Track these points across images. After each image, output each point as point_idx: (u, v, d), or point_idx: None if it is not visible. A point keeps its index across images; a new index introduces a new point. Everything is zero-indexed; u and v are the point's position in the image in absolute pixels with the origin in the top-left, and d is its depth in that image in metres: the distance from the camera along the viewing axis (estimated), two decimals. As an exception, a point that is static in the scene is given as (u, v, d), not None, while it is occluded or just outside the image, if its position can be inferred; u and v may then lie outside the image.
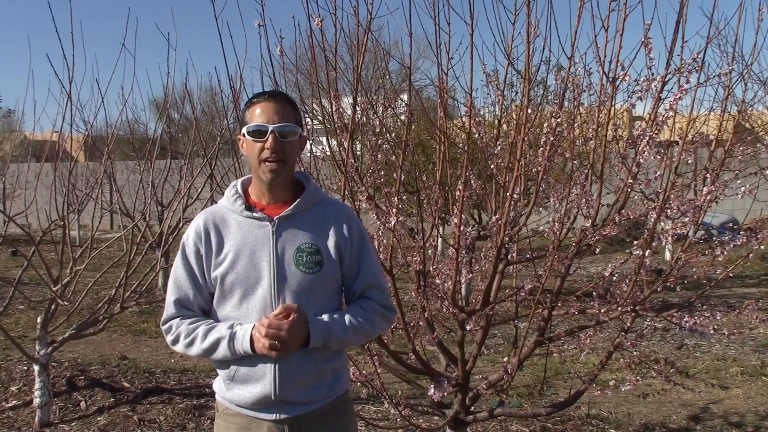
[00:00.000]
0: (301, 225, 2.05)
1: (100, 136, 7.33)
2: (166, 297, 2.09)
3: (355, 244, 2.09)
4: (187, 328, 2.02)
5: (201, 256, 2.04)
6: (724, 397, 5.30)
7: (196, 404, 4.95)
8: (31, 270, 4.77)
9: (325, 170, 3.56)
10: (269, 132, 1.97)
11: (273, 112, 1.99)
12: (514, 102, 3.71)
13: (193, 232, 2.07)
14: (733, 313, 2.95)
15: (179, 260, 2.07)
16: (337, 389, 2.10)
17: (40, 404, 4.58)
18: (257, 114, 2.00)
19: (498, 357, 6.35)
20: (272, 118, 1.99)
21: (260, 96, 2.05)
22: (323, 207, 2.11)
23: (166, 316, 2.09)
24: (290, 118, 2.02)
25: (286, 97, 2.07)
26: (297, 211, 2.05)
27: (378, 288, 2.13)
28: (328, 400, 2.07)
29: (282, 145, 1.99)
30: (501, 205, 3.14)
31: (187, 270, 2.05)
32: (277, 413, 2.01)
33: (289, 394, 1.98)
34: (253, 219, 2.03)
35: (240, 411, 2.05)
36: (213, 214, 2.09)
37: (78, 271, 4.69)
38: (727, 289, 9.63)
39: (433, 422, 4.10)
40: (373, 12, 2.96)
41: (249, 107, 2.04)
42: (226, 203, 2.10)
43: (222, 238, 2.04)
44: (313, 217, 2.08)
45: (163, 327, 2.09)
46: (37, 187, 5.42)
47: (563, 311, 3.15)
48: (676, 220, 2.82)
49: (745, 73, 3.59)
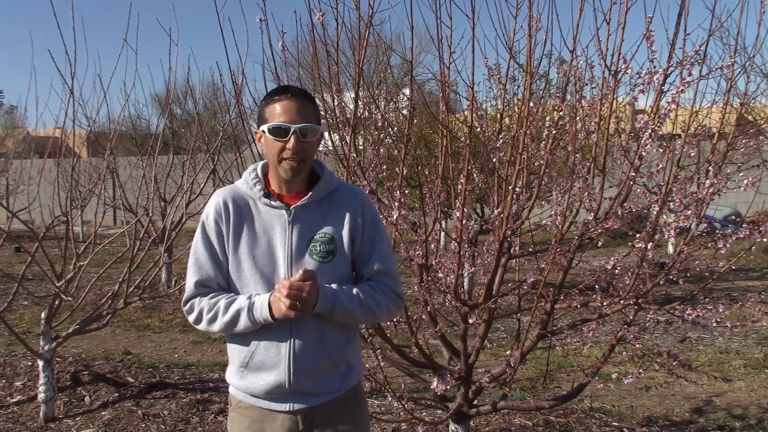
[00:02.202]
0: (316, 214, 2.06)
1: (103, 131, 7.33)
2: (187, 276, 2.08)
3: (367, 228, 2.09)
4: (208, 303, 2.02)
5: (222, 234, 2.04)
6: (727, 390, 5.31)
7: (200, 399, 4.97)
8: (34, 266, 4.78)
9: (327, 165, 3.56)
10: (291, 132, 1.96)
11: (295, 111, 1.97)
12: (516, 95, 3.70)
13: (212, 210, 2.06)
14: (735, 306, 2.95)
15: (199, 239, 2.06)
16: (350, 381, 2.12)
17: (44, 399, 4.60)
18: (279, 112, 1.98)
19: (501, 350, 6.36)
20: (294, 118, 1.97)
21: (282, 93, 2.01)
22: (337, 194, 2.12)
23: (188, 296, 2.08)
24: (312, 117, 2.01)
25: (308, 94, 2.05)
26: (312, 201, 2.06)
27: (389, 275, 2.13)
28: (341, 392, 2.09)
29: (303, 145, 1.98)
30: (503, 198, 3.14)
31: (208, 249, 2.05)
32: (291, 403, 2.02)
33: (303, 383, 2.00)
34: (270, 207, 2.05)
35: (254, 403, 2.06)
36: (232, 193, 2.09)
37: (81, 267, 4.70)
38: (730, 282, 9.63)
39: (436, 416, 4.11)
40: (374, 6, 2.96)
41: (269, 103, 2.01)
42: (245, 186, 2.09)
43: (241, 219, 2.04)
44: (328, 205, 2.09)
45: (185, 307, 2.08)
46: (40, 183, 5.44)
47: (566, 304, 3.16)
48: (678, 213, 2.82)
49: (748, 66, 3.58)
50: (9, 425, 4.57)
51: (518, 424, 4.48)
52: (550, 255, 2.97)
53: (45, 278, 5.80)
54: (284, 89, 2.04)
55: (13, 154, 6.87)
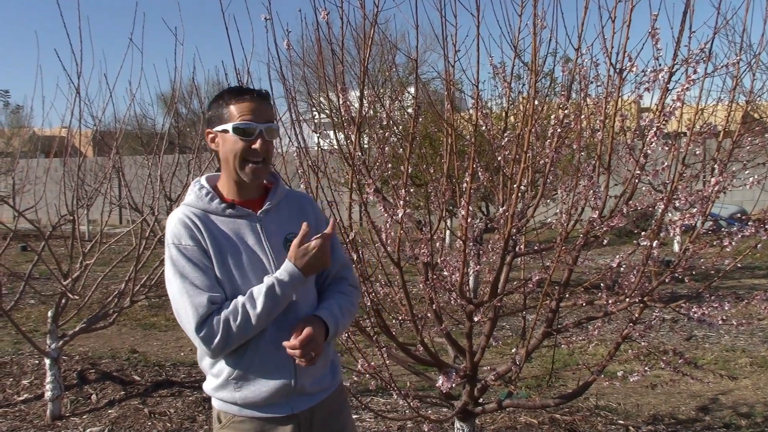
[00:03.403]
0: (279, 217, 2.08)
1: (109, 131, 7.34)
2: (185, 306, 1.88)
3: (322, 227, 2.06)
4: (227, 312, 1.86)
5: (204, 249, 1.92)
6: (733, 388, 5.30)
7: (206, 397, 4.99)
8: (41, 264, 4.81)
9: (332, 163, 3.57)
10: (257, 132, 1.94)
11: (260, 111, 1.96)
12: (521, 94, 3.70)
13: (182, 230, 1.92)
14: (741, 304, 2.94)
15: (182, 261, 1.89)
16: (338, 378, 2.18)
17: (51, 397, 4.63)
18: (243, 111, 1.94)
19: (506, 348, 6.36)
20: (259, 119, 1.95)
21: (242, 93, 1.97)
22: (290, 197, 2.15)
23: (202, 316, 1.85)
24: (273, 118, 2.01)
25: (267, 94, 2.04)
26: (273, 205, 2.07)
27: (348, 267, 2.22)
28: (332, 389, 2.13)
29: (267, 146, 1.98)
30: (508, 197, 3.13)
31: (198, 269, 1.90)
32: (290, 408, 2.00)
33: (305, 383, 2.01)
34: (233, 217, 1.99)
35: (252, 415, 1.99)
36: (189, 211, 1.97)
37: (88, 266, 4.73)
38: (736, 280, 9.60)
39: (441, 413, 4.12)
40: (379, 5, 2.96)
41: (229, 103, 1.96)
42: (200, 203, 1.98)
43: (212, 234, 1.94)
44: (285, 208, 2.11)
45: (201, 333, 1.85)
46: (47, 183, 5.45)
47: (571, 303, 3.16)
48: (684, 211, 2.82)
49: (754, 63, 3.56)
50: (16, 423, 4.59)
51: (524, 422, 4.48)
52: (555, 253, 2.97)
53: (51, 277, 5.82)
54: (245, 90, 2.00)
55: (20, 154, 6.89)
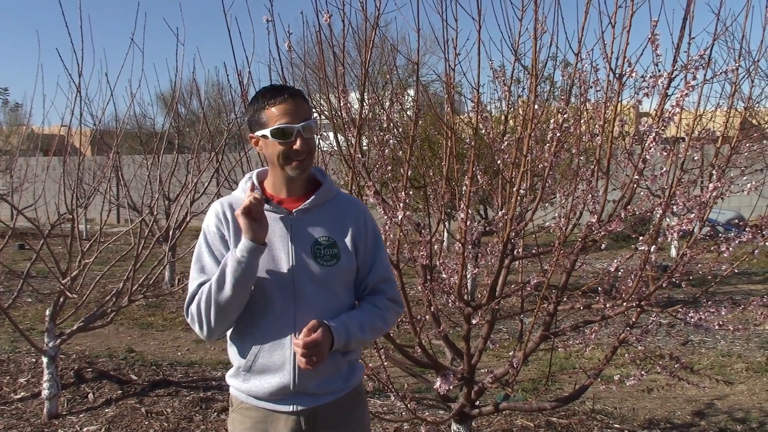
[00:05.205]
0: (317, 219, 2.07)
1: (108, 130, 7.35)
2: (190, 282, 2.03)
3: (370, 239, 2.13)
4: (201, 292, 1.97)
5: (225, 238, 2.03)
6: (729, 393, 5.31)
7: (203, 397, 4.99)
8: (39, 263, 4.81)
9: (332, 165, 3.58)
10: (295, 133, 1.97)
11: (294, 111, 1.98)
12: (520, 98, 3.71)
13: (213, 218, 2.05)
14: (738, 310, 2.95)
15: (203, 246, 2.04)
16: (352, 381, 2.14)
17: (48, 396, 4.62)
18: (278, 115, 1.98)
19: (503, 351, 6.37)
20: (296, 119, 1.98)
21: (275, 95, 2.01)
22: (338, 202, 2.14)
23: (189, 298, 2.01)
24: (309, 114, 2.03)
25: (300, 92, 2.06)
26: (314, 205, 2.07)
27: (389, 282, 2.19)
28: (344, 392, 2.11)
29: (308, 143, 2.00)
30: (507, 200, 3.15)
31: (211, 255, 2.02)
32: (294, 404, 2.02)
33: (307, 384, 2.01)
34: (270, 212, 2.04)
35: (257, 404, 2.05)
36: (230, 201, 2.08)
37: (86, 265, 4.73)
38: (733, 285, 9.62)
39: (438, 416, 4.13)
40: (380, 8, 2.98)
41: (266, 107, 2.00)
42: (242, 195, 2.07)
43: (235, 229, 2.02)
44: (329, 211, 2.10)
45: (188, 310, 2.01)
46: (45, 181, 5.45)
47: (568, 306, 3.17)
48: (681, 217, 2.83)
49: (752, 70, 3.58)
50: (13, 421, 4.59)
51: (520, 425, 4.49)
52: (553, 257, 2.98)
53: (50, 275, 5.84)
54: (279, 90, 2.03)
55: (18, 152, 6.88)
